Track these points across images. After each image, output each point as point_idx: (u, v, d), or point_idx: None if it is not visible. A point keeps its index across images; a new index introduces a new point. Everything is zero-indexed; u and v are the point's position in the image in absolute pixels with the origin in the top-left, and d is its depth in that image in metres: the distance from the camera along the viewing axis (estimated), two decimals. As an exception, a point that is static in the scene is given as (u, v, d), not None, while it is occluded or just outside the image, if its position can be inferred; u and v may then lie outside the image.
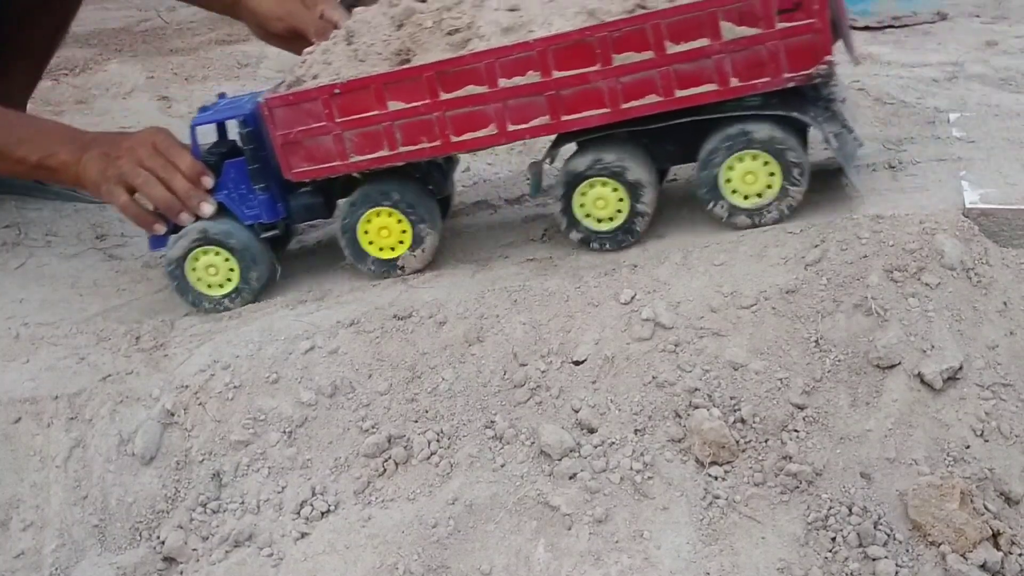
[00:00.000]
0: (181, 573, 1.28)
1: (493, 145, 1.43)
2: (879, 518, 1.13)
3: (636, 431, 1.24)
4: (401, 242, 1.50)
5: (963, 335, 1.24)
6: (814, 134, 1.42)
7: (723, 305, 1.30)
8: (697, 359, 1.26)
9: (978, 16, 2.85)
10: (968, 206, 1.36)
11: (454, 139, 1.40)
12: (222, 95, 1.63)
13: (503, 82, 1.35)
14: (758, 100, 1.35)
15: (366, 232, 1.50)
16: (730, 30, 1.28)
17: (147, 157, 1.52)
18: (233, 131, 1.54)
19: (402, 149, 1.42)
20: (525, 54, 1.33)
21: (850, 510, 1.14)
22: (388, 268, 1.52)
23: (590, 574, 1.14)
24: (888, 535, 1.12)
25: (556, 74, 1.34)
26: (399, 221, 1.48)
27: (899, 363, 1.22)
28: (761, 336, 1.27)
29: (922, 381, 1.21)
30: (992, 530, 1.11)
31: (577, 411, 1.27)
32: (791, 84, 1.30)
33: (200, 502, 1.32)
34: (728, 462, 1.20)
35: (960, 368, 1.22)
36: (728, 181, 1.38)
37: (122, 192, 1.53)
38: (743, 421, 1.21)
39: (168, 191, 1.51)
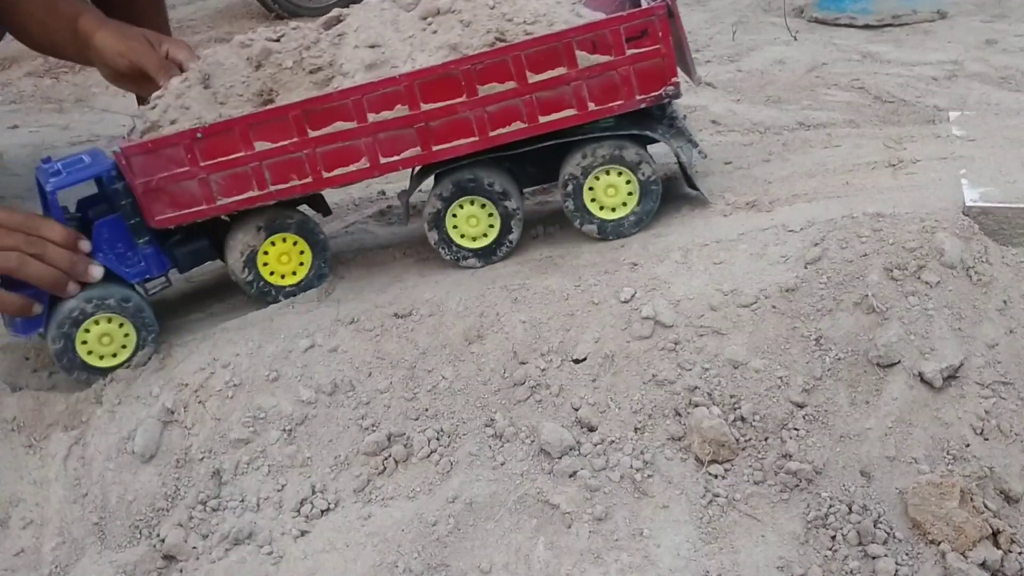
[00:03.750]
0: (181, 571, 1.28)
1: (366, 178, 1.46)
2: (879, 516, 1.13)
3: (636, 429, 1.24)
4: (296, 271, 1.52)
5: (963, 333, 1.24)
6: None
7: (723, 303, 1.30)
8: (697, 357, 1.27)
9: (978, 15, 2.85)
10: (968, 204, 1.36)
11: (326, 175, 1.42)
12: (47, 159, 1.46)
13: (372, 117, 1.39)
14: (611, 121, 1.45)
15: (266, 265, 1.50)
16: (585, 58, 1.37)
17: (2, 237, 1.38)
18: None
19: (272, 188, 1.42)
20: (393, 89, 1.38)
21: (850, 508, 1.14)
22: (276, 293, 1.52)
23: (590, 572, 1.14)
24: (888, 533, 1.12)
25: (424, 107, 1.39)
26: (295, 243, 1.50)
27: (899, 361, 1.22)
28: (761, 334, 1.27)
29: (922, 379, 1.21)
30: (992, 528, 1.11)
31: (577, 409, 1.27)
32: (643, 105, 1.40)
33: (200, 500, 1.32)
34: (728, 460, 1.20)
35: (960, 366, 1.22)
36: (592, 201, 1.47)
37: None
38: (743, 419, 1.21)
39: (46, 266, 1.37)
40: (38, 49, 1.99)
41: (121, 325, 1.43)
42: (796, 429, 1.20)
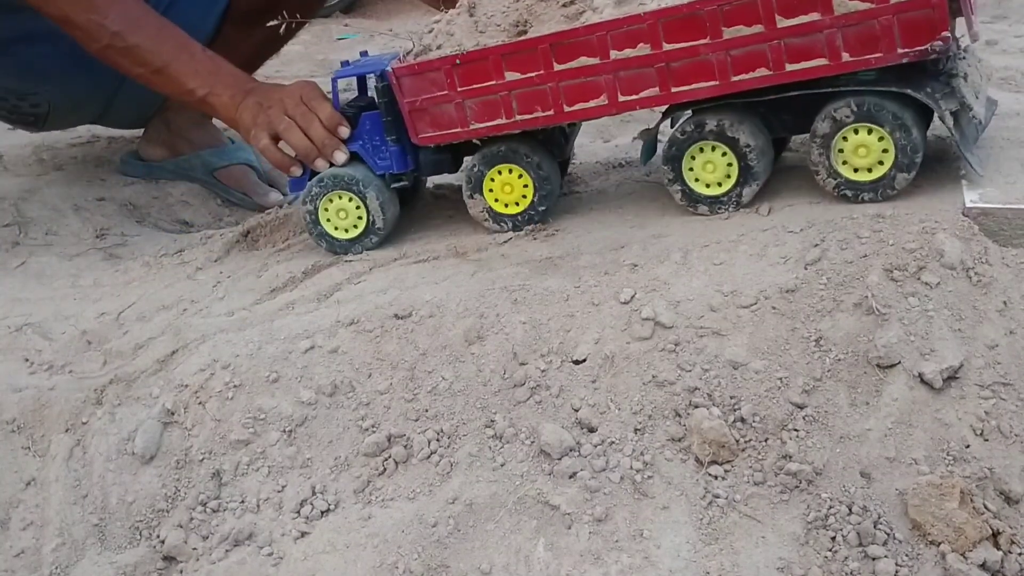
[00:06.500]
0: (181, 572, 1.28)
1: (604, 115, 1.47)
2: (879, 517, 1.13)
3: (636, 430, 1.24)
4: (521, 201, 1.57)
5: (963, 334, 1.24)
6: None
7: (723, 304, 1.30)
8: (697, 358, 1.26)
9: (978, 16, 2.84)
10: (968, 205, 1.35)
11: (567, 108, 1.45)
12: (364, 52, 1.74)
13: (615, 54, 1.39)
14: (872, 75, 1.34)
15: (490, 189, 1.57)
16: (842, 4, 1.28)
17: (291, 106, 1.64)
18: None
19: (518, 117, 1.48)
20: (636, 26, 1.36)
21: (850, 509, 1.14)
22: (502, 222, 1.59)
23: (590, 573, 1.14)
24: (888, 534, 1.12)
25: (666, 46, 1.36)
26: (520, 178, 1.55)
27: (899, 362, 1.22)
28: (761, 335, 1.27)
29: (922, 380, 1.21)
30: (992, 529, 1.11)
31: (577, 410, 1.27)
32: (905, 60, 1.29)
33: (200, 501, 1.32)
34: (728, 461, 1.20)
35: (960, 367, 1.21)
36: (840, 151, 1.37)
37: (265, 137, 1.65)
38: (743, 420, 1.21)
39: (306, 138, 1.61)
40: None
41: (357, 206, 1.61)
42: (796, 430, 1.20)
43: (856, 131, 1.36)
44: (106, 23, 1.75)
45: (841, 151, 1.38)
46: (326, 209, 1.63)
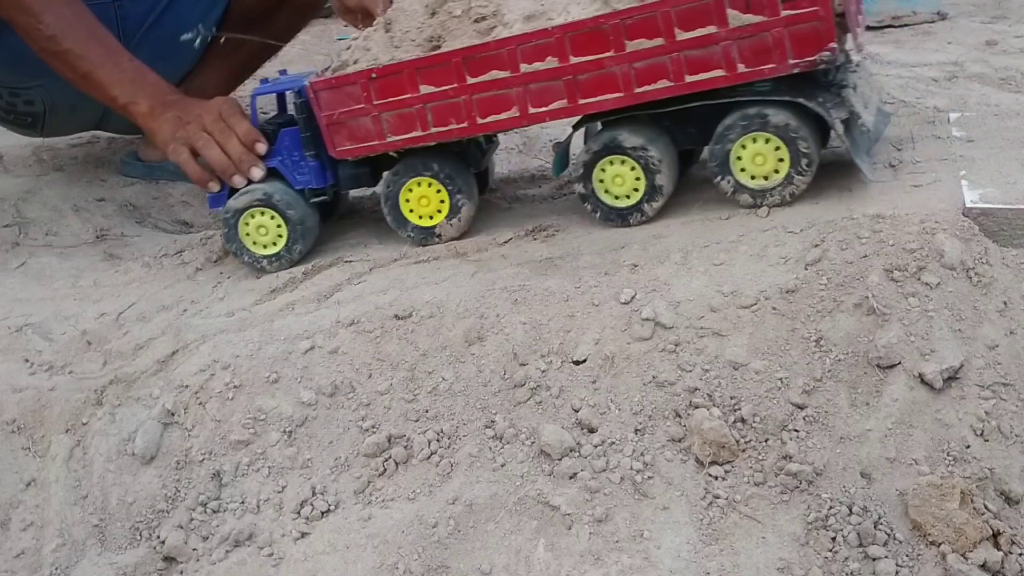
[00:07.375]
0: (181, 573, 1.28)
1: (515, 127, 1.52)
2: (879, 518, 1.13)
3: (636, 431, 1.24)
4: (439, 211, 1.59)
5: (963, 335, 1.24)
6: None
7: (723, 305, 1.30)
8: (697, 359, 1.26)
9: (978, 16, 2.85)
10: (968, 205, 1.35)
11: (480, 121, 1.48)
12: (283, 71, 1.75)
13: (524, 67, 1.43)
14: (768, 85, 1.40)
15: (407, 200, 1.59)
16: (736, 17, 1.33)
17: (209, 122, 1.65)
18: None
19: (433, 130, 1.51)
20: (544, 40, 1.41)
21: (850, 510, 1.14)
22: (427, 235, 1.61)
23: (590, 574, 1.14)
24: (888, 535, 1.12)
25: (573, 59, 1.41)
26: (438, 191, 1.57)
27: (899, 363, 1.22)
28: (761, 336, 1.27)
29: (922, 381, 1.21)
30: (992, 530, 1.11)
31: (577, 411, 1.27)
32: (796, 70, 1.35)
33: (200, 502, 1.32)
34: (728, 462, 1.20)
35: (960, 368, 1.22)
36: (739, 159, 1.42)
37: (184, 151, 1.66)
38: (743, 421, 1.21)
39: (223, 154, 1.62)
40: None
41: (277, 223, 1.62)
42: (796, 430, 1.20)
43: (752, 141, 1.40)
44: (41, 27, 1.77)
45: (740, 160, 1.42)
46: (247, 234, 1.63)
